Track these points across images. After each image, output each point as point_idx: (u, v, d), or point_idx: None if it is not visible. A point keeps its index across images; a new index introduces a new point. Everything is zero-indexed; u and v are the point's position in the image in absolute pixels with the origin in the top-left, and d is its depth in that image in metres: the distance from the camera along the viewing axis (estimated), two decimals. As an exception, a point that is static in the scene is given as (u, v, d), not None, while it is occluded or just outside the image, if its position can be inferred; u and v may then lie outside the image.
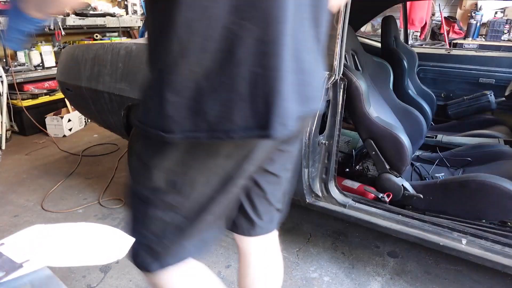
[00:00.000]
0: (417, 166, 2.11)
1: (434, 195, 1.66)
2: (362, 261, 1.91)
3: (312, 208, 1.68)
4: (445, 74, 2.90)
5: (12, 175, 2.76)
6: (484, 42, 5.67)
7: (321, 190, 1.65)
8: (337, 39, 1.43)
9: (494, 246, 1.37)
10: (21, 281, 0.51)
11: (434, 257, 1.94)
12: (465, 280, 1.80)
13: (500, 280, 1.80)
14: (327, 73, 1.45)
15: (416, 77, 2.70)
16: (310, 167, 1.55)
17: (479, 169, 1.94)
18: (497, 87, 2.70)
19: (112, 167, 2.88)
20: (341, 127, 1.56)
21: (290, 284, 1.76)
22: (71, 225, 0.65)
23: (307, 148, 1.48)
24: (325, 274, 1.82)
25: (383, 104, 2.15)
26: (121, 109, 1.99)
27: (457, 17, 6.45)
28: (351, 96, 1.62)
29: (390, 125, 1.68)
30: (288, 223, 2.21)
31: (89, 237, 0.65)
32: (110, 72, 1.95)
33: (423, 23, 6.15)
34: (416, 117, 2.16)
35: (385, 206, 1.63)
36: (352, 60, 2.15)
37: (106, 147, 3.25)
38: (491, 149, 2.02)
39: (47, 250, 0.58)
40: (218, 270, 1.84)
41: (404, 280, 1.79)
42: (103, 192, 2.53)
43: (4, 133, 3.25)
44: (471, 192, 1.55)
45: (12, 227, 2.16)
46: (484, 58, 2.78)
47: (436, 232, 1.46)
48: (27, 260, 0.54)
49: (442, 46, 5.63)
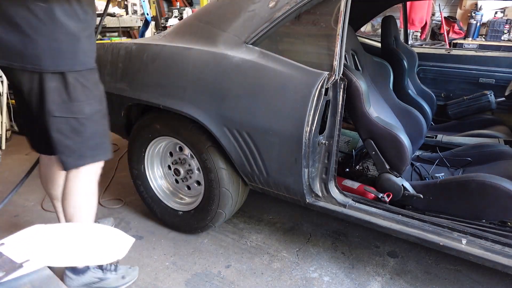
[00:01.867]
0: (417, 166, 2.12)
1: (434, 195, 1.66)
2: (362, 261, 1.91)
3: (312, 208, 1.68)
4: (445, 74, 2.90)
5: (12, 175, 2.76)
6: (484, 42, 5.67)
7: (321, 190, 1.65)
8: (337, 39, 1.43)
9: (494, 246, 1.37)
10: (21, 281, 0.51)
11: (434, 257, 1.94)
12: (465, 280, 1.80)
13: (500, 280, 1.80)
14: (327, 73, 1.45)
15: (416, 77, 2.69)
16: (310, 167, 1.55)
17: (479, 169, 1.94)
18: (497, 87, 2.70)
19: (112, 167, 2.88)
20: (341, 127, 1.56)
21: (290, 284, 1.76)
22: (71, 225, 0.65)
23: (307, 148, 1.48)
24: (325, 274, 1.82)
25: (383, 104, 2.15)
26: (121, 109, 1.99)
27: (457, 17, 6.45)
28: (351, 96, 1.62)
29: (390, 125, 1.68)
30: (288, 223, 2.21)
31: (89, 237, 0.65)
32: (110, 72, 1.95)
33: (423, 23, 6.15)
34: (416, 117, 2.16)
35: (385, 206, 1.63)
36: (352, 60, 2.15)
37: (106, 147, 3.25)
38: (491, 149, 2.02)
39: (47, 250, 0.58)
40: (218, 270, 1.84)
41: (404, 280, 1.79)
42: (103, 192, 2.53)
43: (4, 133, 3.25)
44: (471, 192, 1.55)
45: (12, 227, 2.16)
46: (484, 58, 2.78)
47: (436, 232, 1.46)
48: (27, 260, 0.54)
49: (442, 46, 5.63)
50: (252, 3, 1.67)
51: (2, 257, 0.54)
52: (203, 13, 1.89)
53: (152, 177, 2.09)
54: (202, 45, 1.71)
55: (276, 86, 1.51)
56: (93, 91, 1.36)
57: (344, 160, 2.24)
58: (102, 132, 1.43)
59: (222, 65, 1.61)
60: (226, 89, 1.60)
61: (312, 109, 1.44)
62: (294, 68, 1.50)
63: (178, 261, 1.90)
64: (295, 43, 1.66)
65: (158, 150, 2.05)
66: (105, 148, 1.47)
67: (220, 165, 1.76)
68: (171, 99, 1.73)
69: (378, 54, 2.38)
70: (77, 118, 1.33)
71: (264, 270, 1.84)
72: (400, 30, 2.94)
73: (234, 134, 1.63)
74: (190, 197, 2.07)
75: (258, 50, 1.59)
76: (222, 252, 1.96)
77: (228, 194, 1.81)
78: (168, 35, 1.91)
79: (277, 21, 1.55)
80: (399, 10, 3.08)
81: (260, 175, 1.68)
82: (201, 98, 1.66)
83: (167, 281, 1.77)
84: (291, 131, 1.48)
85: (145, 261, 1.89)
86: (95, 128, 1.39)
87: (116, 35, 4.71)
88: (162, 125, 1.88)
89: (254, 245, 2.02)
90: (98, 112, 1.39)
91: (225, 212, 1.87)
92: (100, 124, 1.41)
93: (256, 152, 1.61)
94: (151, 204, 2.11)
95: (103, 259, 0.62)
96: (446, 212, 1.63)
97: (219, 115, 1.63)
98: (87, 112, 1.34)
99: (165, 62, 1.76)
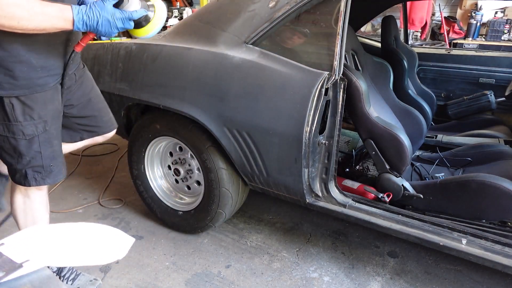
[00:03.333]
0: (417, 166, 2.11)
1: (434, 195, 1.66)
2: (362, 261, 1.91)
3: (312, 208, 1.68)
4: (445, 74, 2.90)
5: (12, 175, 2.76)
6: (484, 42, 5.67)
7: (321, 190, 1.65)
8: (337, 39, 1.43)
9: (494, 246, 1.37)
10: (21, 281, 0.51)
11: (434, 257, 1.94)
12: (465, 280, 1.80)
13: (500, 280, 1.80)
14: (327, 73, 1.45)
15: (416, 77, 2.69)
16: (310, 167, 1.55)
17: (479, 169, 1.94)
18: (497, 87, 2.69)
19: (112, 167, 2.89)
20: (341, 127, 1.56)
21: (290, 284, 1.76)
22: (71, 225, 0.65)
23: (307, 148, 1.48)
24: (325, 274, 1.82)
25: (383, 104, 2.15)
26: (121, 109, 1.99)
27: (457, 17, 6.44)
28: (351, 96, 1.62)
29: (390, 125, 1.68)
30: (288, 223, 2.21)
31: (89, 237, 0.65)
32: (110, 72, 1.95)
33: (423, 23, 6.14)
34: (416, 117, 2.16)
35: (385, 206, 1.63)
36: (352, 60, 2.15)
37: (106, 147, 3.25)
38: (491, 149, 2.02)
39: (47, 250, 0.58)
40: (218, 270, 1.84)
41: (404, 280, 1.79)
42: (103, 192, 2.53)
43: (4, 133, 3.24)
44: (471, 192, 1.54)
45: (12, 227, 2.16)
46: (484, 58, 2.78)
47: (436, 232, 1.46)
48: (27, 260, 0.54)
49: (442, 46, 5.62)
50: (252, 3, 1.67)
51: (2, 257, 0.54)
52: (203, 13, 1.89)
53: (152, 177, 2.09)
54: (202, 45, 1.71)
55: (276, 86, 1.51)
56: (40, 112, 1.24)
57: (344, 160, 2.24)
58: (49, 154, 1.31)
59: (222, 65, 1.61)
60: (226, 89, 1.60)
61: (312, 109, 1.44)
62: (294, 68, 1.50)
63: (178, 261, 1.90)
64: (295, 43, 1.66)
65: (158, 150, 2.05)
66: (53, 172, 1.35)
67: (220, 165, 1.76)
68: (171, 99, 1.73)
69: (378, 54, 2.38)
70: (15, 138, 1.24)
71: (264, 270, 1.84)
72: (400, 30, 2.94)
73: (234, 134, 1.63)
74: (190, 197, 2.07)
75: (258, 50, 1.59)
76: (222, 252, 1.96)
77: (228, 194, 1.81)
78: (168, 35, 1.91)
79: (277, 21, 1.55)
80: (399, 10, 3.08)
81: (260, 175, 1.68)
82: (201, 98, 1.66)
83: (167, 281, 1.77)
84: (291, 131, 1.48)
85: (145, 261, 1.89)
86: (42, 150, 1.29)
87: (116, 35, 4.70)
88: (162, 125, 1.88)
89: (254, 245, 2.02)
90: (44, 133, 1.28)
91: (225, 212, 1.87)
92: (47, 146, 1.30)
93: (256, 152, 1.61)
94: (151, 204, 2.11)
95: (103, 259, 0.62)
96: (446, 212, 1.63)
97: (219, 115, 1.63)
98: (29, 133, 1.25)
99: (165, 62, 1.76)
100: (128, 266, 1.85)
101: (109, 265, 1.85)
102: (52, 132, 1.31)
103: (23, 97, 1.20)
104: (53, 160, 1.34)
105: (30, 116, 1.23)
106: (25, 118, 1.22)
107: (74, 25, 1.08)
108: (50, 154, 1.32)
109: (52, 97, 1.29)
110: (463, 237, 1.42)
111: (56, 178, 1.38)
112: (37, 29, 1.05)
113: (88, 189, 2.57)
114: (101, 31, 1.10)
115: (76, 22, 1.07)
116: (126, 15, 1.10)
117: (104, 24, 1.08)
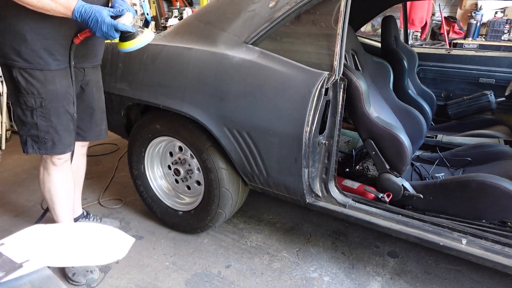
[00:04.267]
0: (417, 166, 2.11)
1: (434, 195, 1.66)
2: (362, 261, 1.91)
3: (312, 208, 1.68)
4: (445, 74, 2.90)
5: (12, 175, 2.76)
6: (484, 42, 5.67)
7: (321, 190, 1.65)
8: (337, 39, 1.43)
9: (494, 246, 1.37)
10: (21, 281, 0.51)
11: (434, 257, 1.94)
12: (465, 280, 1.80)
13: (500, 280, 1.80)
14: (327, 73, 1.45)
15: (416, 77, 2.69)
16: (310, 167, 1.55)
17: (479, 169, 1.94)
18: (497, 87, 2.70)
19: (112, 167, 2.89)
20: (341, 127, 1.56)
21: (290, 284, 1.76)
22: (71, 225, 0.65)
23: (307, 148, 1.48)
24: (325, 274, 1.82)
25: (383, 104, 2.15)
26: (121, 109, 1.99)
27: (457, 17, 6.44)
28: (351, 96, 1.62)
29: (390, 125, 1.68)
30: (288, 223, 2.21)
31: (89, 237, 0.65)
32: (110, 72, 1.95)
33: (423, 23, 6.14)
34: (416, 117, 2.16)
35: (385, 206, 1.63)
36: (352, 60, 2.15)
37: (106, 147, 3.25)
38: (491, 149, 2.02)
39: (47, 250, 0.58)
40: (218, 270, 1.84)
41: (404, 280, 1.79)
42: (103, 192, 2.53)
43: (4, 133, 3.25)
44: (471, 192, 1.54)
45: (12, 227, 2.16)
46: (484, 58, 2.78)
47: (436, 232, 1.46)
48: (27, 260, 0.54)
49: (442, 46, 5.62)
50: (252, 3, 1.67)
51: (2, 257, 0.54)
52: (203, 13, 1.89)
53: (152, 177, 2.09)
54: (202, 45, 1.71)
55: (276, 86, 1.51)
56: (39, 89, 1.46)
57: (344, 160, 2.24)
58: (44, 127, 1.51)
59: (222, 65, 1.62)
60: (226, 89, 1.60)
61: (312, 109, 1.44)
62: (294, 68, 1.50)
63: (178, 261, 1.90)
64: (295, 43, 1.66)
65: (158, 150, 2.05)
66: (47, 144, 1.54)
67: (220, 165, 1.76)
68: (171, 99, 1.73)
69: (378, 54, 2.38)
70: (21, 108, 1.49)
71: (264, 270, 1.84)
72: (400, 30, 2.94)
73: (234, 134, 1.63)
74: (190, 197, 2.07)
75: (258, 50, 1.59)
76: (222, 252, 1.96)
77: (228, 194, 1.81)
78: (168, 35, 1.91)
79: (277, 21, 1.55)
80: (399, 10, 3.08)
81: (260, 175, 1.68)
82: (201, 98, 1.66)
83: (167, 281, 1.77)
84: (291, 131, 1.48)
85: (145, 261, 1.89)
86: (38, 122, 1.50)
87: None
88: (162, 125, 1.88)
89: (254, 245, 2.02)
90: (41, 108, 1.48)
91: (225, 212, 1.87)
92: (42, 120, 1.50)
93: (256, 152, 1.61)
94: (151, 204, 2.11)
95: (103, 259, 0.62)
96: (446, 212, 1.63)
97: (219, 115, 1.63)
98: (30, 105, 1.47)
99: (165, 62, 1.76)
100: (128, 266, 1.85)
101: (109, 265, 1.85)
102: (49, 109, 1.50)
103: (25, 73, 1.43)
104: (47, 134, 1.53)
105: (31, 91, 1.45)
106: (27, 92, 1.45)
107: (73, 14, 1.29)
108: (44, 127, 1.52)
109: (53, 79, 1.47)
110: (463, 237, 1.42)
111: (50, 151, 1.56)
112: (42, 9, 1.27)
113: (88, 189, 2.57)
114: (90, 26, 1.31)
115: (75, 12, 1.28)
116: (113, 22, 1.31)
117: (93, 22, 1.29)
